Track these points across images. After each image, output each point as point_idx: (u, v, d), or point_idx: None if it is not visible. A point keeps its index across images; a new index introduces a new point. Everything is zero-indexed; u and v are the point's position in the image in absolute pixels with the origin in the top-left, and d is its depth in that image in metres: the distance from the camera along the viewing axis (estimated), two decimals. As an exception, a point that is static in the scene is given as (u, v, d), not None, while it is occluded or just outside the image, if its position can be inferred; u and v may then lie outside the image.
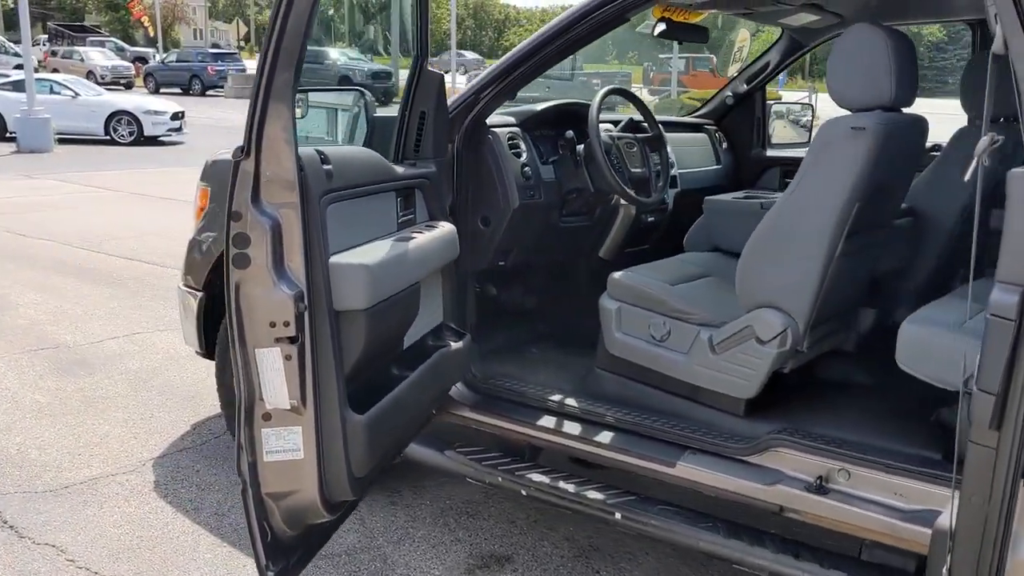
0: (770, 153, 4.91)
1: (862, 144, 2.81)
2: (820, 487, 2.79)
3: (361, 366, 2.52)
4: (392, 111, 3.21)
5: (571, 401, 3.38)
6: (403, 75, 6.31)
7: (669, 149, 4.09)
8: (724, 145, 4.90)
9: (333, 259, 2.40)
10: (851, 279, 3.19)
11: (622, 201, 3.93)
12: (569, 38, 3.25)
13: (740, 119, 4.86)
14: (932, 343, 2.78)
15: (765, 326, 3.03)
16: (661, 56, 33.07)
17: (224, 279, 2.26)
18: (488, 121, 3.55)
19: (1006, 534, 1.59)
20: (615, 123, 4.13)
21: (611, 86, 3.82)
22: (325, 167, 2.44)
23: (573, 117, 3.95)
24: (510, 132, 3.64)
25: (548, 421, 3.36)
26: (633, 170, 3.78)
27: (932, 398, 3.05)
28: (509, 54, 3.37)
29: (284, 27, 2.22)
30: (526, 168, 3.60)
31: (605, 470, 3.28)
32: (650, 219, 4.25)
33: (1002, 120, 3.41)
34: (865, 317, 3.66)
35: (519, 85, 3.40)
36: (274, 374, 2.26)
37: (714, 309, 3.22)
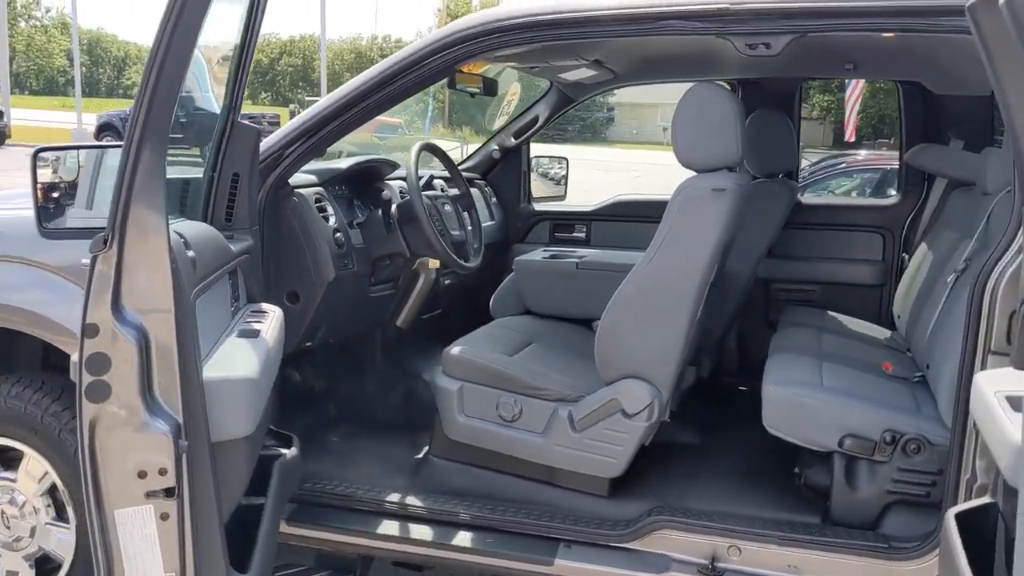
0: (537, 207, 4.82)
1: (724, 205, 2.74)
2: (714, 569, 2.64)
3: (239, 509, 1.94)
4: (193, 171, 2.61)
5: (412, 499, 2.96)
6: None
7: (478, 208, 3.82)
8: (494, 200, 4.72)
9: (205, 375, 1.81)
10: (692, 341, 3.12)
11: (435, 264, 3.58)
12: (392, 90, 2.86)
13: (508, 173, 4.72)
14: (801, 405, 2.76)
15: (632, 398, 2.85)
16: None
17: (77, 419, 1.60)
18: (291, 181, 3.04)
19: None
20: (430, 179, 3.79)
21: (423, 141, 3.47)
22: (190, 254, 1.86)
23: (374, 175, 3.54)
24: (315, 193, 3.15)
25: (386, 526, 2.91)
26: (453, 232, 3.45)
27: (790, 459, 3.05)
28: (319, 106, 2.91)
29: (155, 94, 1.66)
30: (338, 234, 3.13)
31: None
32: (447, 282, 3.93)
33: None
34: (688, 376, 3.63)
35: (330, 141, 2.94)
36: (144, 542, 1.64)
37: (568, 382, 2.99)
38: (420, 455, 3.29)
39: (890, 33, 2.52)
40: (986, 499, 2.16)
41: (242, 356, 1.99)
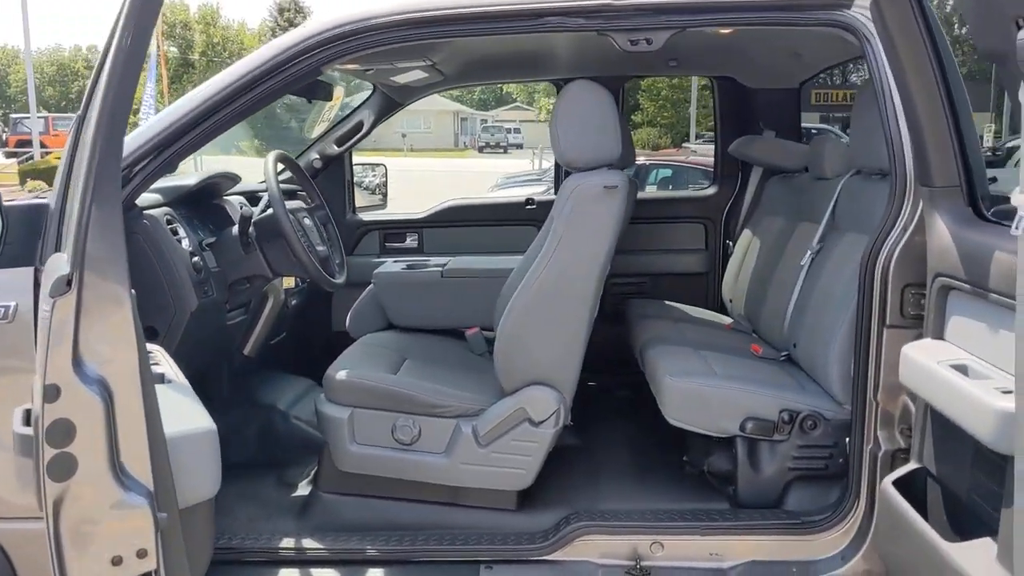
0: (364, 217, 4.60)
1: (616, 203, 2.73)
2: (640, 568, 2.62)
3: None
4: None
5: (307, 542, 2.70)
6: None
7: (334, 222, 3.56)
8: (318, 212, 4.44)
9: (167, 431, 1.51)
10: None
11: (288, 284, 3.29)
12: (254, 96, 2.58)
13: (331, 183, 4.45)
14: (702, 394, 2.81)
15: (538, 405, 2.77)
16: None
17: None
18: (138, 202, 2.67)
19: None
20: (251, 194, 3.47)
21: (278, 151, 3.17)
22: (131, 292, 1.53)
23: (215, 191, 3.20)
24: (165, 214, 2.79)
25: (286, 574, 2.63)
26: (318, 248, 3.18)
27: (680, 447, 3.11)
28: (170, 116, 2.55)
29: (114, 120, 1.36)
30: (195, 258, 2.79)
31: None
32: (294, 302, 3.65)
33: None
34: None
35: (184, 154, 2.60)
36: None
37: (467, 396, 2.85)
38: (303, 492, 3.01)
39: (771, 27, 2.61)
40: (913, 465, 2.28)
41: (180, 405, 1.69)
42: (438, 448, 2.80)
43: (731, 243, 4.37)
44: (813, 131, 10.98)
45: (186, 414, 1.65)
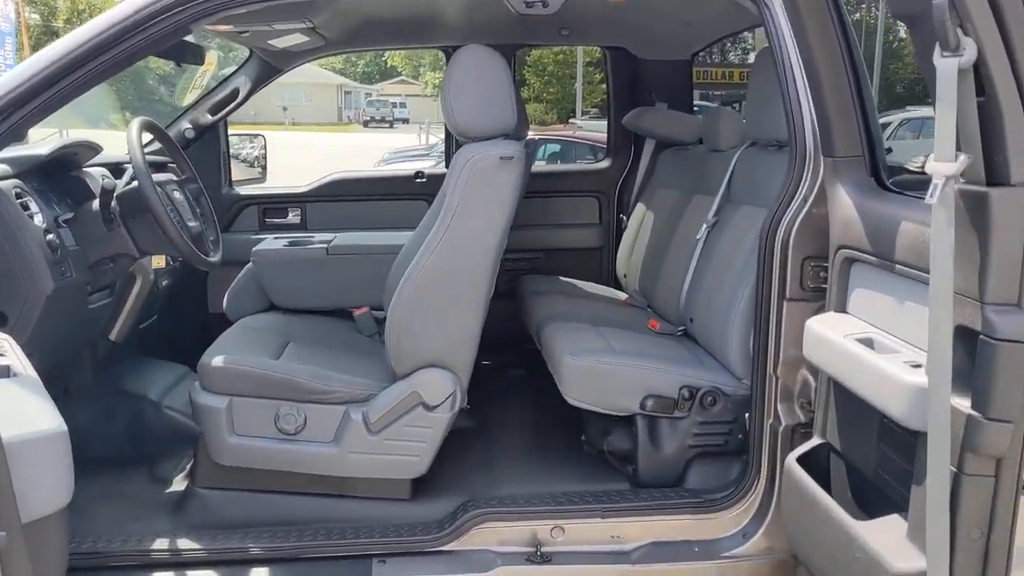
0: (242, 191, 4.32)
1: (512, 174, 2.60)
2: (540, 554, 2.52)
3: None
4: None
5: (184, 542, 2.50)
6: None
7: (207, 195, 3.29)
8: (191, 186, 4.15)
9: (6, 436, 1.30)
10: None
11: (158, 263, 3.03)
12: (114, 56, 2.32)
13: (205, 154, 4.16)
14: (602, 372, 2.73)
15: (432, 389, 2.63)
16: None
17: None
18: (-21, 174, 2.38)
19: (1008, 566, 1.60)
20: (114, 166, 3.17)
21: (143, 118, 2.88)
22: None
23: (72, 162, 2.91)
24: (14, 187, 2.50)
25: (159, 579, 2.43)
26: (190, 223, 2.93)
27: (579, 429, 3.02)
28: (15, 78, 2.28)
29: None
30: (49, 236, 2.51)
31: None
32: (164, 283, 3.38)
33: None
34: None
35: (34, 121, 2.32)
36: None
37: (356, 381, 2.68)
38: (178, 488, 2.78)
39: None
40: (816, 440, 2.24)
41: (24, 404, 1.47)
42: (325, 437, 2.63)
43: (625, 217, 4.31)
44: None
45: (31, 414, 1.44)
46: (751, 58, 25.56)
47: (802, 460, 2.23)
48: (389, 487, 2.68)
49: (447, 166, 4.51)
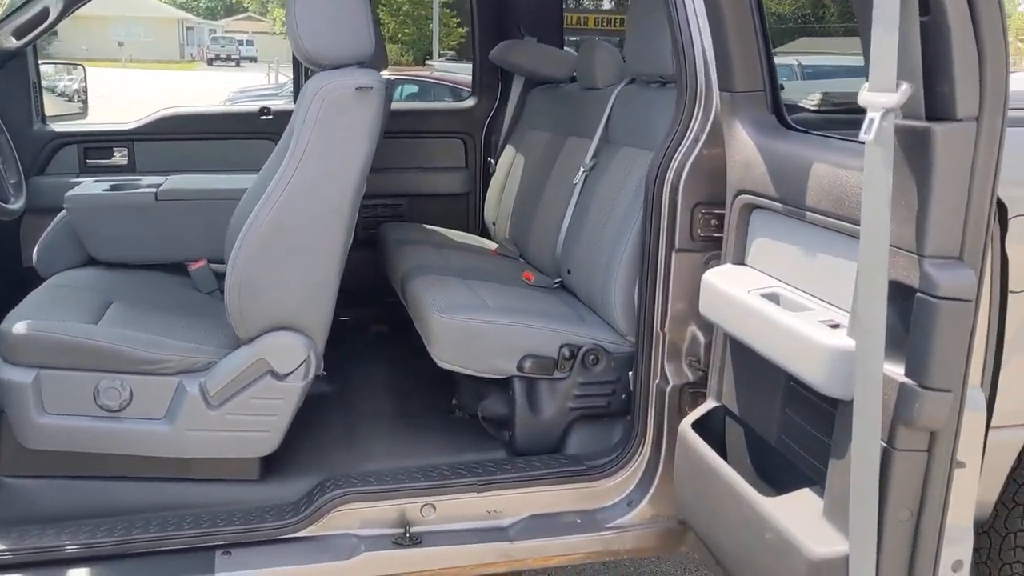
0: (58, 128, 3.77)
1: (371, 107, 2.28)
2: (409, 536, 2.26)
3: None
4: None
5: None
6: None
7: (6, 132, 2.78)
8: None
9: None
10: None
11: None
12: None
13: (9, 85, 3.59)
14: (475, 331, 2.47)
15: (283, 355, 2.30)
16: None
17: None
18: None
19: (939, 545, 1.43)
20: None
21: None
22: None
23: None
24: None
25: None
26: None
27: (448, 393, 2.77)
28: None
29: None
30: None
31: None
32: (-41, 235, 2.88)
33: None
34: None
35: None
36: None
37: (191, 347, 2.32)
38: None
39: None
40: (711, 404, 2.07)
41: None
42: (156, 413, 2.26)
43: (493, 160, 4.04)
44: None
45: None
46: (605, 3, 25.54)
47: (696, 425, 2.05)
48: (234, 467, 2.35)
49: (296, 100, 4.11)
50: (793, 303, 1.72)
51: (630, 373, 2.49)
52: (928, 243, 1.30)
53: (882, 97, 1.27)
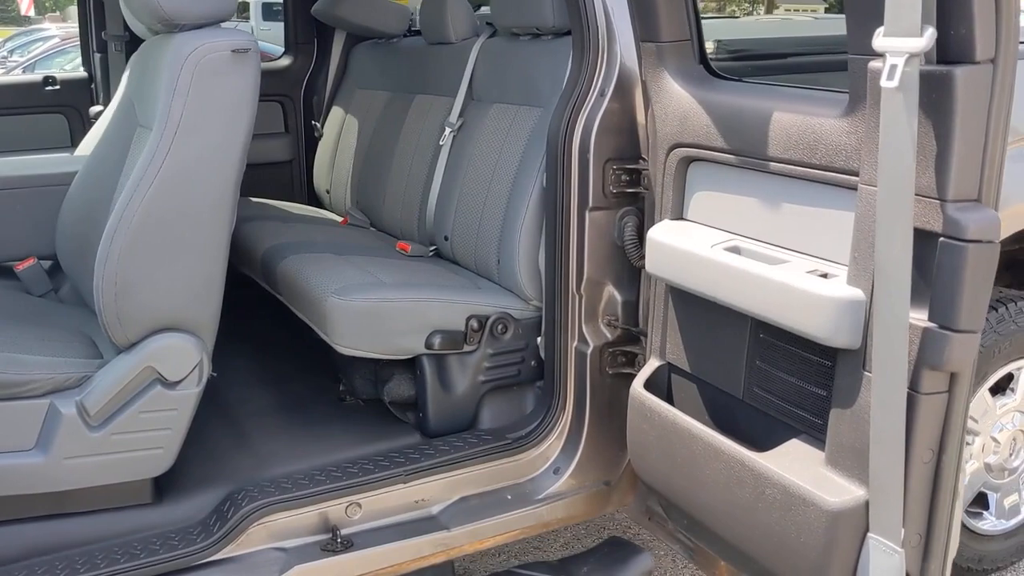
0: None
1: (249, 72, 2.02)
2: (338, 539, 2.08)
3: None
4: None
5: None
6: None
7: None
8: None
9: None
10: None
11: None
12: None
13: None
14: (378, 312, 2.29)
15: (172, 359, 2.01)
16: None
17: None
18: None
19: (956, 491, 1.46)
20: None
21: None
22: None
23: None
24: None
25: None
26: None
27: (330, 377, 2.58)
28: None
29: None
30: None
31: None
32: None
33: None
34: None
35: None
36: None
37: (58, 362, 1.97)
38: None
39: None
40: (656, 362, 2.04)
41: None
42: (24, 443, 1.91)
43: (318, 124, 3.76)
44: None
45: None
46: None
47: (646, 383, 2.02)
48: (123, 493, 2.03)
49: (87, 68, 3.62)
50: (759, 255, 1.70)
51: (538, 339, 2.42)
52: (950, 188, 1.32)
53: (906, 42, 1.25)
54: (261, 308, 2.89)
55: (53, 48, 12.57)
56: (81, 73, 3.55)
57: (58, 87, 3.40)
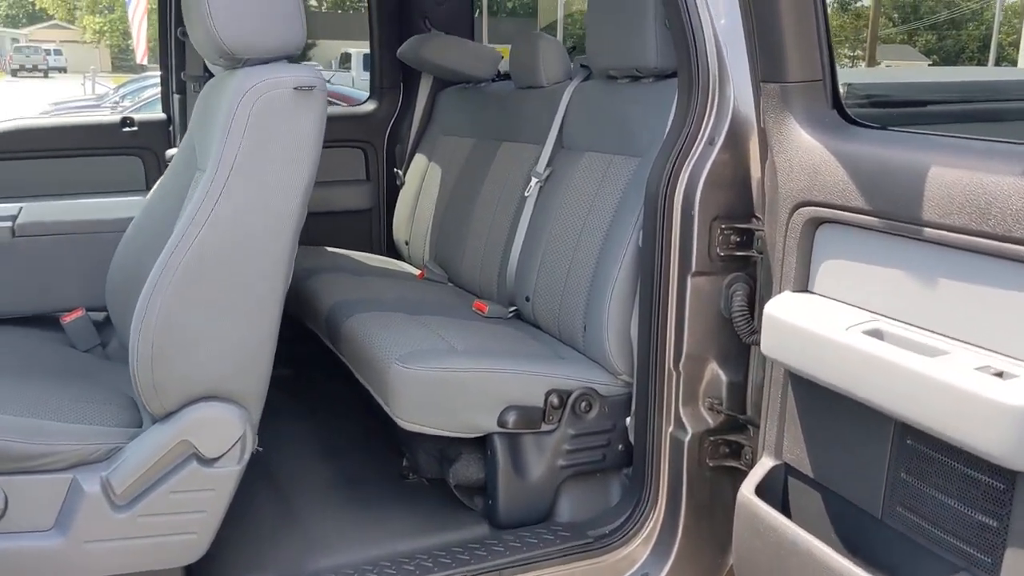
0: None
1: (313, 112, 1.80)
2: None
3: None
4: None
5: None
6: None
7: None
8: None
9: None
10: None
11: None
12: None
13: None
14: (447, 382, 2.02)
15: (212, 433, 1.77)
16: None
17: None
18: None
19: None
20: None
21: None
22: None
23: None
24: None
25: None
26: None
27: (394, 452, 2.32)
28: None
29: None
30: None
31: None
32: None
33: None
34: None
35: None
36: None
37: (83, 430, 1.76)
38: None
39: None
40: (769, 462, 1.70)
41: None
42: (44, 523, 1.69)
43: (400, 171, 3.56)
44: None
45: None
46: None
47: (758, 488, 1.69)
48: (150, 583, 1.80)
49: (166, 110, 3.51)
50: (909, 343, 1.37)
51: (627, 419, 2.11)
52: None
53: None
54: (323, 367, 2.66)
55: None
56: (160, 115, 3.44)
57: (136, 128, 3.29)
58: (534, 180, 2.58)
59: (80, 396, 1.90)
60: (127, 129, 3.30)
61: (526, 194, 2.60)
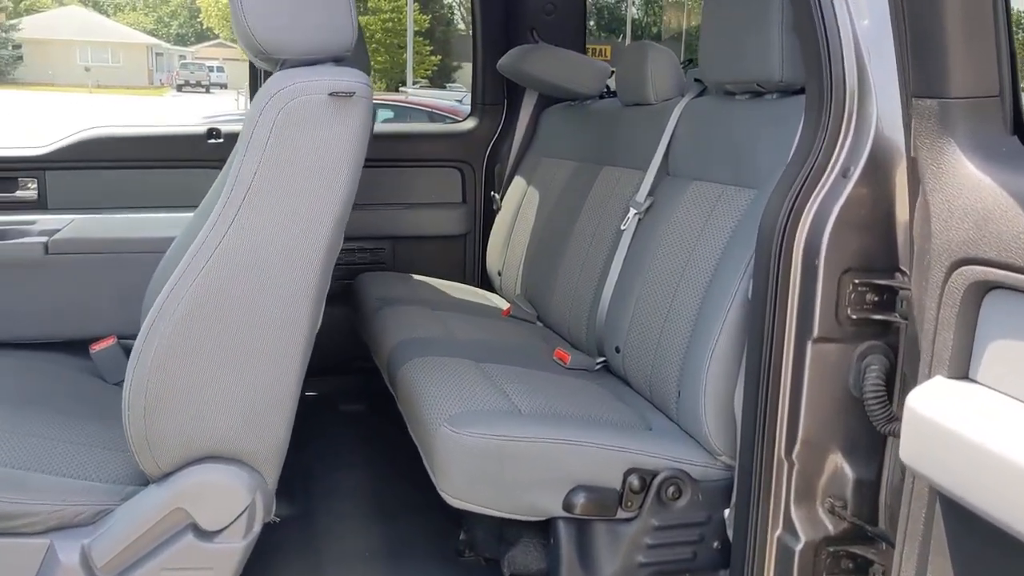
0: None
1: (354, 120, 1.51)
2: None
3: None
4: None
5: None
6: None
7: None
8: None
9: None
10: None
11: None
12: None
13: None
14: (504, 454, 1.67)
15: (213, 501, 1.50)
16: None
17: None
18: None
19: None
20: None
21: None
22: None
23: None
24: None
25: None
26: None
27: (453, 522, 1.98)
28: None
29: None
30: None
31: None
32: None
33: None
34: None
35: None
36: None
37: (68, 485, 1.51)
38: None
39: None
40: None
41: None
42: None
43: (498, 195, 3.26)
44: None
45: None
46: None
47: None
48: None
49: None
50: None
51: (726, 511, 1.72)
52: None
53: None
54: (386, 414, 2.37)
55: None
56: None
57: (221, 140, 3.11)
58: (632, 211, 2.22)
59: (85, 440, 1.66)
60: (212, 140, 3.13)
61: (622, 227, 2.24)
